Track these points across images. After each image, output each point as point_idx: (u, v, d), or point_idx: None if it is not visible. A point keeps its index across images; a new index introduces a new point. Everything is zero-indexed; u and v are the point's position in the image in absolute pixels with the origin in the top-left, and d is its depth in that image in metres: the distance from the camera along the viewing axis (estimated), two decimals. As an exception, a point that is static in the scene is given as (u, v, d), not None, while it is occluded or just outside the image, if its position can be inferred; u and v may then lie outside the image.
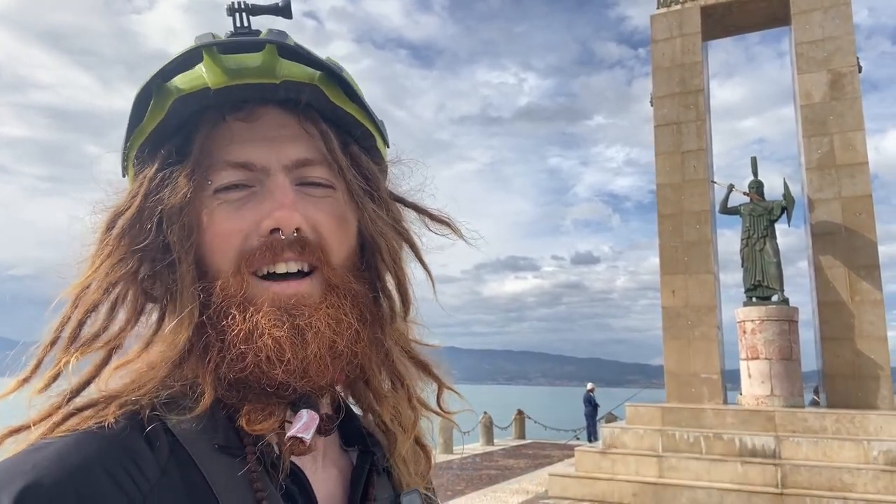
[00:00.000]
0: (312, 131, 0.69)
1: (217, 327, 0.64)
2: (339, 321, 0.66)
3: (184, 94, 0.66)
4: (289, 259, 0.65)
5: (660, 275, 11.71)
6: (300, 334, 0.63)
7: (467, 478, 12.03)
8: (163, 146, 0.68)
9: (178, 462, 0.58)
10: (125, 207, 0.67)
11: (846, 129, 10.87)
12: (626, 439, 10.09)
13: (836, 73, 11.08)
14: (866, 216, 10.62)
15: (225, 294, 0.64)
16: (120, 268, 0.65)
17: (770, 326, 10.58)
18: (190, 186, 0.65)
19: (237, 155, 0.67)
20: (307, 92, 0.68)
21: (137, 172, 0.69)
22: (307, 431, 0.63)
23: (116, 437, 0.57)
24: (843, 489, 8.37)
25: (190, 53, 0.66)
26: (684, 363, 11.18)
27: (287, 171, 0.67)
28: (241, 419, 0.62)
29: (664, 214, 11.85)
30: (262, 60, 0.66)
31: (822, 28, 11.29)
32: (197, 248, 0.66)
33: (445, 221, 0.80)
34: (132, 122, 0.69)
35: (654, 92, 12.38)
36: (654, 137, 12.17)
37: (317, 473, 0.68)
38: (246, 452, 0.61)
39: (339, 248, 0.69)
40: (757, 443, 9.27)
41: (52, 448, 0.54)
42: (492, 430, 18.13)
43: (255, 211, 0.65)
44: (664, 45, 12.37)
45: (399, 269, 0.74)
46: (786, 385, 10.36)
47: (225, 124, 0.68)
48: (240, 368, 0.63)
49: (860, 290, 10.44)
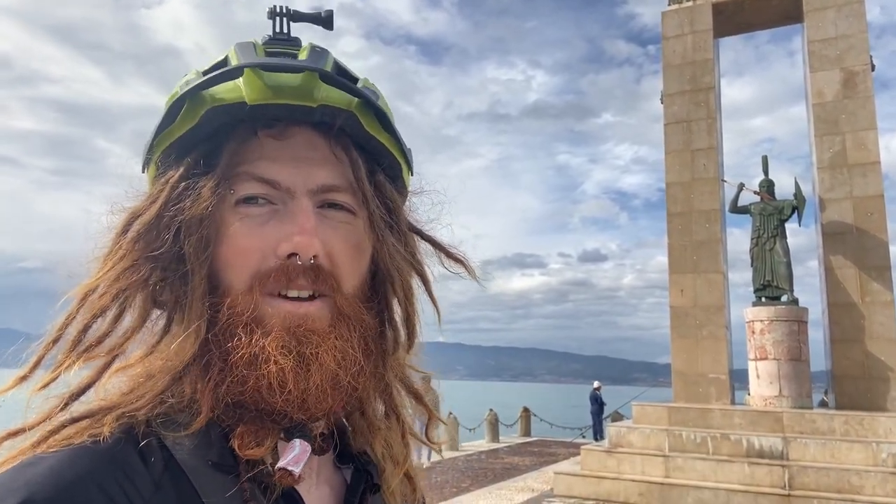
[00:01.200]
0: (342, 157, 0.69)
1: (221, 347, 0.63)
2: (346, 355, 0.65)
3: (218, 104, 0.65)
4: (301, 287, 0.65)
5: (668, 273, 11.65)
6: (305, 364, 0.63)
7: (472, 475, 12.04)
8: (190, 153, 0.67)
9: (173, 478, 0.58)
10: (143, 211, 0.66)
11: (858, 128, 10.78)
12: (633, 438, 10.06)
13: (849, 71, 10.98)
14: (878, 216, 10.53)
15: (233, 312, 0.64)
16: (132, 273, 0.65)
17: (779, 327, 10.51)
18: (213, 199, 0.64)
19: (264, 171, 0.66)
20: (342, 118, 0.68)
21: (159, 175, 0.68)
22: (297, 464, 0.63)
23: (110, 452, 0.56)
24: (851, 491, 8.31)
25: (231, 71, 0.65)
26: (692, 363, 11.13)
27: (312, 194, 0.67)
28: (233, 440, 0.62)
29: (673, 213, 11.79)
30: (303, 81, 0.66)
31: (836, 26, 11.19)
32: (211, 262, 0.66)
33: (461, 260, 0.80)
34: (162, 123, 0.68)
35: (664, 89, 12.31)
36: (664, 135, 12.11)
37: (310, 492, 0.67)
38: (240, 470, 0.61)
39: (351, 277, 0.69)
40: (764, 444, 9.22)
41: (46, 464, 0.54)
42: (497, 428, 18.14)
43: (275, 230, 0.65)
44: (675, 42, 12.29)
45: (410, 303, 0.74)
46: (794, 386, 10.30)
47: (256, 139, 0.67)
48: (239, 392, 0.62)
49: (871, 291, 10.36)
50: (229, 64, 0.67)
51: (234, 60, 0.67)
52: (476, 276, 0.80)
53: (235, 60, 0.67)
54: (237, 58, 0.67)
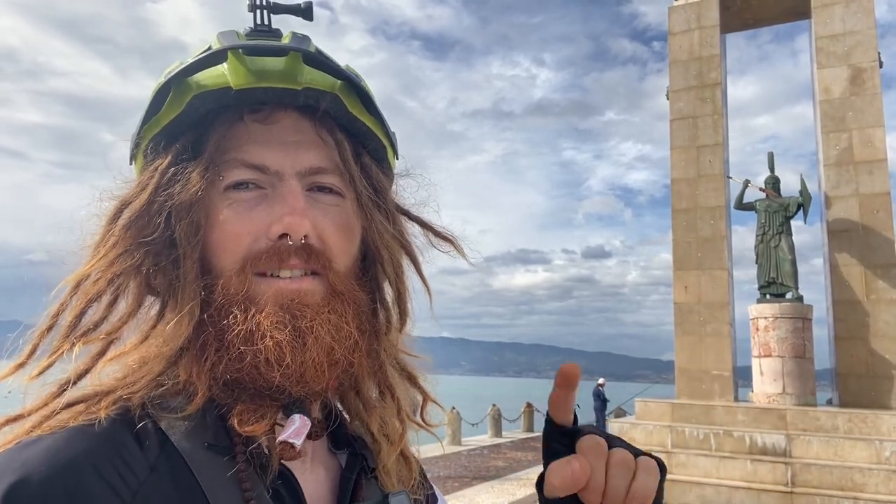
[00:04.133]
0: (328, 139, 0.70)
1: (217, 326, 0.64)
2: (340, 329, 0.66)
3: (204, 90, 0.66)
4: (294, 266, 0.66)
5: (673, 270, 11.63)
6: (301, 338, 0.63)
7: (475, 469, 12.06)
8: (177, 140, 0.68)
9: (168, 460, 0.58)
10: (133, 198, 0.67)
11: (865, 126, 10.71)
12: (636, 435, 10.06)
13: (857, 68, 10.90)
14: (884, 214, 10.47)
15: (227, 293, 0.64)
16: (125, 259, 0.65)
17: (783, 324, 10.49)
18: (202, 184, 0.65)
19: (252, 156, 0.67)
20: (327, 100, 0.69)
21: (148, 163, 0.69)
22: (298, 437, 0.63)
23: (106, 435, 0.57)
24: (854, 489, 8.31)
25: (215, 54, 0.66)
26: (696, 359, 11.11)
27: (300, 176, 0.68)
28: (232, 419, 0.62)
29: (678, 209, 11.75)
30: (286, 65, 0.67)
31: (843, 22, 11.11)
32: (203, 246, 0.66)
33: (449, 238, 0.80)
34: (148, 112, 0.69)
35: (670, 85, 12.25)
36: (670, 131, 12.06)
37: (305, 475, 0.68)
38: (236, 452, 0.61)
39: (342, 257, 0.69)
40: (767, 441, 9.21)
41: (41, 445, 0.54)
42: (500, 423, 18.16)
43: (265, 213, 0.65)
44: (681, 38, 12.22)
45: (400, 281, 0.75)
46: (798, 383, 10.28)
47: (242, 124, 0.68)
48: (237, 369, 0.63)
49: (876, 289, 10.31)
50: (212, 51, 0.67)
51: (217, 47, 0.67)
52: (464, 254, 0.81)
53: (218, 47, 0.67)
54: (220, 44, 0.67)
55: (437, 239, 0.80)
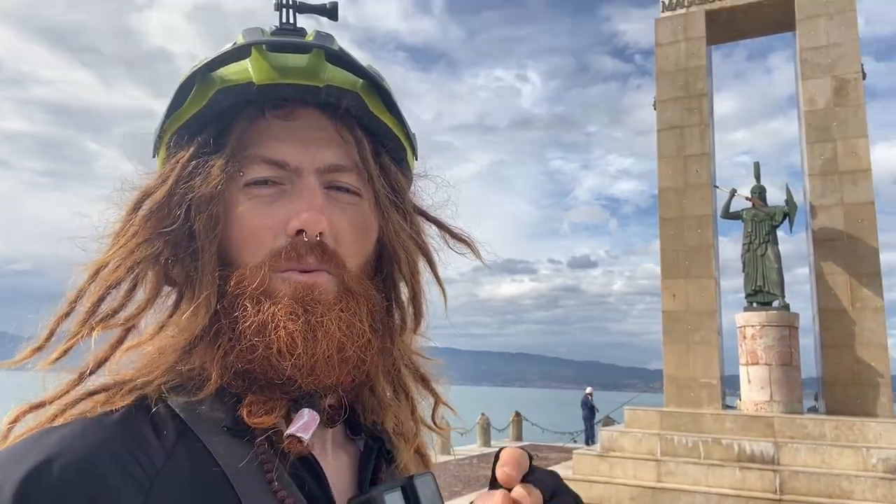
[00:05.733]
0: (348, 137, 0.70)
1: (230, 316, 0.64)
2: (352, 326, 0.66)
3: (227, 85, 0.66)
4: (309, 265, 0.66)
5: (660, 279, 11.69)
6: (312, 331, 0.64)
7: (464, 479, 12.01)
8: (199, 134, 0.68)
9: (187, 445, 0.59)
10: (154, 189, 0.67)
11: (850, 136, 10.86)
12: (625, 443, 10.07)
13: (841, 79, 11.06)
14: (868, 223, 10.60)
15: (241, 285, 0.64)
16: (145, 248, 0.65)
17: (770, 332, 10.56)
18: (222, 178, 0.66)
19: (273, 152, 0.67)
20: (348, 98, 0.69)
21: (170, 156, 0.69)
22: (306, 431, 0.63)
23: (124, 423, 0.58)
24: (841, 496, 8.36)
25: (239, 49, 0.67)
26: (684, 367, 11.16)
27: (319, 174, 0.68)
28: (242, 409, 0.63)
29: (666, 218, 11.83)
30: (309, 62, 0.67)
31: (827, 34, 11.27)
32: (221, 240, 0.67)
33: (465, 241, 0.81)
34: (172, 105, 0.69)
35: (657, 95, 12.36)
36: (657, 141, 12.15)
37: (326, 459, 0.68)
38: (255, 434, 0.61)
39: (356, 257, 0.70)
40: (756, 448, 9.25)
41: (60, 433, 0.56)
42: (489, 432, 18.12)
43: (284, 209, 0.66)
44: (668, 49, 12.35)
45: (416, 281, 0.76)
46: (785, 391, 10.34)
47: (263, 120, 0.69)
48: (248, 360, 0.63)
49: (861, 297, 10.42)
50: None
51: (242, 42, 0.68)
52: (481, 256, 0.81)
53: (243, 42, 0.68)
54: (244, 40, 0.68)
55: (454, 240, 0.80)
